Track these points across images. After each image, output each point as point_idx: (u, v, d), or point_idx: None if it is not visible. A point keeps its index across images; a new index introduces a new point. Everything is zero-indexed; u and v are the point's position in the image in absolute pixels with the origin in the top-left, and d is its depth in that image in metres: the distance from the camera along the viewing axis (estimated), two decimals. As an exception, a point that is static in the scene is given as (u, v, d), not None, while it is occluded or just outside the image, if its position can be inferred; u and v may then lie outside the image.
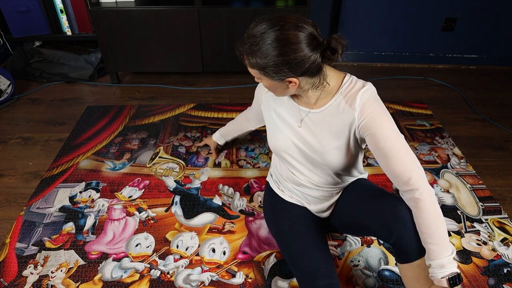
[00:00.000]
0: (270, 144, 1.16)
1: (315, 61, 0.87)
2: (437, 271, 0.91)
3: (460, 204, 1.53)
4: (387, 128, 0.95)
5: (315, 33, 0.87)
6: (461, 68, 2.63)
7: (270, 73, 0.90)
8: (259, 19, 0.88)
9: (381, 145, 0.94)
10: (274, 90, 0.99)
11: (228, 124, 1.63)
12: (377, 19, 2.46)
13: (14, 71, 2.35)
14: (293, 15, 0.87)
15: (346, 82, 0.98)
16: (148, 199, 1.53)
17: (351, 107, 0.96)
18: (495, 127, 2.02)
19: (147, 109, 2.10)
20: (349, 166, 1.09)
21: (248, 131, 1.57)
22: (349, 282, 1.24)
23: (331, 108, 1.00)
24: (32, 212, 1.46)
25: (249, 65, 0.93)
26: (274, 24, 0.85)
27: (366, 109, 0.94)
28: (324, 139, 1.03)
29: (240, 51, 0.92)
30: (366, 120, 0.95)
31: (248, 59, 0.91)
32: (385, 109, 0.97)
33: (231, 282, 1.23)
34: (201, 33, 2.15)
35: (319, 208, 1.20)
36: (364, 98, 0.95)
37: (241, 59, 0.94)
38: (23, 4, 2.26)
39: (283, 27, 0.84)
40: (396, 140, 0.95)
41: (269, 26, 0.85)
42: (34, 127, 1.96)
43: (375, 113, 0.94)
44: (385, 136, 0.94)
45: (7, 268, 1.26)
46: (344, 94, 0.97)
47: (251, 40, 0.87)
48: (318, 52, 0.87)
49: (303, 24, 0.85)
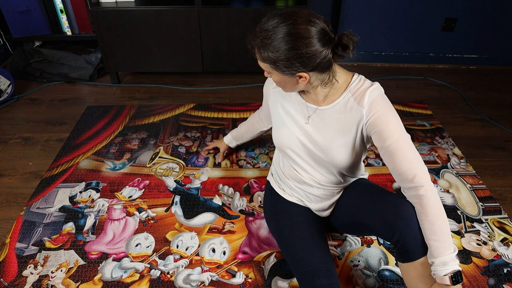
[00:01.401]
0: (274, 139, 1.16)
1: (326, 56, 0.88)
2: (440, 269, 0.91)
3: (460, 204, 1.53)
4: (394, 126, 0.95)
5: (327, 29, 0.87)
6: (461, 68, 2.63)
7: (281, 67, 0.90)
8: (272, 14, 0.89)
9: (387, 142, 0.95)
10: (283, 85, 0.99)
11: (241, 126, 1.58)
12: (377, 19, 2.46)
13: (14, 71, 2.35)
14: (305, 10, 0.88)
15: (355, 81, 0.99)
16: (148, 199, 1.53)
17: (359, 104, 0.97)
18: (495, 127, 2.02)
19: (147, 109, 2.10)
20: (353, 165, 1.10)
21: (261, 132, 1.52)
22: (349, 282, 1.24)
23: (339, 105, 1.00)
24: (32, 212, 1.46)
25: (260, 59, 0.93)
26: (286, 19, 0.86)
27: (374, 107, 0.95)
28: (330, 136, 1.03)
29: (252, 45, 0.92)
30: (374, 118, 0.96)
31: (260, 53, 0.91)
32: (392, 107, 0.98)
33: (231, 282, 1.23)
34: (201, 33, 2.15)
35: (319, 206, 1.20)
36: (373, 96, 0.96)
37: (252, 52, 0.94)
38: (23, 4, 2.26)
39: (295, 22, 0.85)
40: (402, 138, 0.95)
41: (281, 20, 0.86)
42: (34, 127, 1.96)
43: (383, 111, 0.95)
44: (391, 134, 0.95)
45: (7, 268, 1.26)
46: (353, 92, 0.98)
47: (263, 34, 0.88)
48: (329, 47, 0.88)
49: (315, 19, 0.86)
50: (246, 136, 1.59)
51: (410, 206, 0.99)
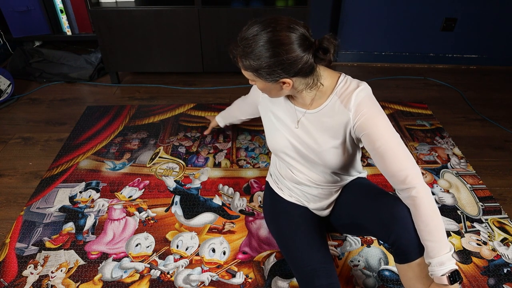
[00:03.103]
0: (269, 144, 1.17)
1: (308, 61, 0.88)
2: (437, 269, 0.91)
3: (460, 204, 1.53)
4: (382, 128, 0.95)
5: (307, 34, 0.87)
6: (461, 68, 2.63)
7: (264, 75, 0.91)
8: (251, 22, 0.89)
9: (376, 145, 0.95)
10: (268, 91, 0.99)
11: (228, 109, 1.69)
12: (377, 19, 2.46)
13: (14, 71, 2.35)
14: (284, 17, 0.88)
15: (341, 83, 0.99)
16: (148, 199, 1.53)
17: (346, 107, 0.96)
18: (495, 127, 2.02)
19: (147, 109, 2.10)
20: (347, 165, 1.10)
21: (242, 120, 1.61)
22: (349, 282, 1.24)
23: (327, 108, 1.00)
24: (32, 212, 1.46)
25: (243, 67, 0.93)
26: (266, 26, 0.86)
27: (360, 110, 0.95)
28: (321, 139, 1.04)
29: (234, 54, 0.93)
30: (361, 121, 0.95)
31: (242, 62, 0.91)
32: (380, 108, 0.98)
33: (231, 282, 1.23)
34: (201, 33, 2.15)
35: (318, 206, 1.20)
36: (359, 99, 0.95)
37: (234, 61, 0.95)
38: (23, 4, 2.26)
39: (275, 29, 0.85)
40: (392, 139, 0.95)
41: (261, 28, 0.86)
42: (34, 127, 1.96)
43: (370, 113, 0.95)
44: (380, 136, 0.94)
45: (7, 268, 1.26)
46: (339, 94, 0.98)
47: (244, 43, 0.88)
48: (310, 52, 0.88)
49: (294, 25, 0.86)
50: (230, 120, 1.69)
51: (405, 207, 0.99)
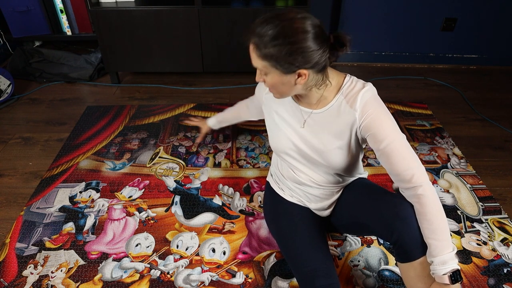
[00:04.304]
0: (271, 144, 1.16)
1: (325, 53, 0.89)
2: (439, 268, 0.91)
3: (460, 204, 1.53)
4: (388, 128, 0.95)
5: (323, 27, 0.89)
6: (461, 68, 2.63)
7: (282, 64, 0.88)
8: (267, 14, 0.89)
9: (382, 145, 0.95)
10: (279, 87, 0.95)
11: (227, 111, 1.59)
12: (377, 19, 2.46)
13: (14, 71, 2.35)
14: (299, 10, 0.90)
15: (347, 83, 0.99)
16: (148, 199, 1.53)
17: (352, 107, 0.96)
18: (495, 127, 2.02)
19: (147, 109, 2.10)
20: (350, 165, 1.10)
21: (246, 121, 1.58)
22: (349, 282, 1.24)
23: (333, 108, 1.00)
24: (32, 212, 1.46)
25: (259, 57, 0.90)
26: (283, 16, 0.87)
27: (366, 110, 0.95)
28: (326, 139, 1.03)
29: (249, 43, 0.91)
30: (367, 121, 0.95)
31: (260, 51, 0.88)
32: (385, 109, 0.98)
33: (231, 282, 1.23)
34: (201, 33, 2.15)
35: (319, 206, 1.20)
36: (365, 99, 0.95)
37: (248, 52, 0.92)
38: (23, 4, 2.26)
39: (294, 18, 0.86)
40: (397, 139, 0.95)
41: (279, 18, 0.87)
42: (34, 127, 1.96)
43: (376, 114, 0.95)
44: (386, 136, 0.94)
45: (7, 268, 1.26)
46: (345, 94, 0.98)
47: (262, 31, 0.87)
48: (327, 45, 0.89)
49: (311, 16, 0.88)
50: (231, 122, 1.64)
51: (408, 206, 0.99)
